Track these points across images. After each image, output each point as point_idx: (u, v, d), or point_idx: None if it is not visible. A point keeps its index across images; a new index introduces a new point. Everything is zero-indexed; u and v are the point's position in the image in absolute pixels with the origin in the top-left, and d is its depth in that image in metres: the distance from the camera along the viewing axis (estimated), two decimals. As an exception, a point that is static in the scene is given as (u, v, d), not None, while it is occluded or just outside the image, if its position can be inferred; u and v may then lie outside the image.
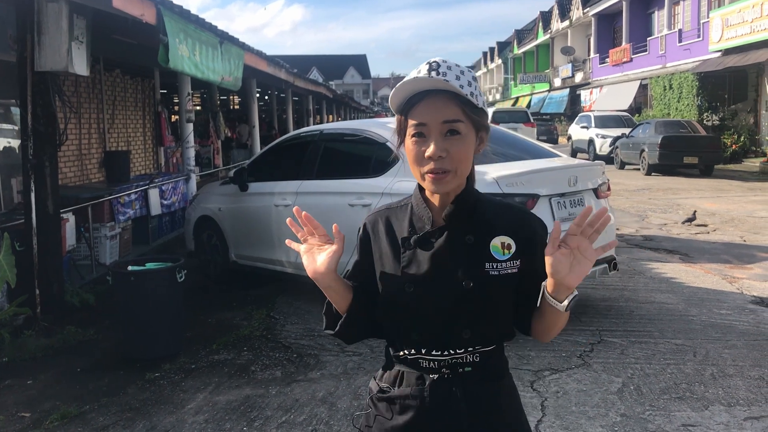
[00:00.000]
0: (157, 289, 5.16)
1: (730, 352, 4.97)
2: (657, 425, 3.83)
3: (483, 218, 1.62)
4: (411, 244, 1.61)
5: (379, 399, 1.67)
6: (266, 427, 3.95)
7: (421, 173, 1.56)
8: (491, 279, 1.57)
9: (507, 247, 1.60)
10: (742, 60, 22.08)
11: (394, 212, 1.70)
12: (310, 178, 6.52)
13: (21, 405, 4.42)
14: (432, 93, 1.54)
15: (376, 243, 1.68)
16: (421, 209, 1.64)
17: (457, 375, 1.60)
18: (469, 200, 1.62)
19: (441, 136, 1.53)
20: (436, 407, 1.59)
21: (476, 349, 1.60)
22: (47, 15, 5.57)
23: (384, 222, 1.69)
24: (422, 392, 1.60)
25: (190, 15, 7.53)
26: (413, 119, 1.55)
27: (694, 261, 8.06)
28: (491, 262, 1.59)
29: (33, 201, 5.81)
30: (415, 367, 1.62)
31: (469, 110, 1.56)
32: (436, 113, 1.53)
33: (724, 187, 16.13)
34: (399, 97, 1.58)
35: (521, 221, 1.65)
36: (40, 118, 5.79)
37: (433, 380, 1.60)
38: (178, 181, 10.49)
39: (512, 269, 1.59)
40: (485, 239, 1.60)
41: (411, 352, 1.62)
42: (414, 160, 1.56)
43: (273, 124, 23.00)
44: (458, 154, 1.54)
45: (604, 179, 6.07)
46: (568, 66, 43.70)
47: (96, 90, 11.17)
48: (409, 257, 1.60)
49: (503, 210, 1.67)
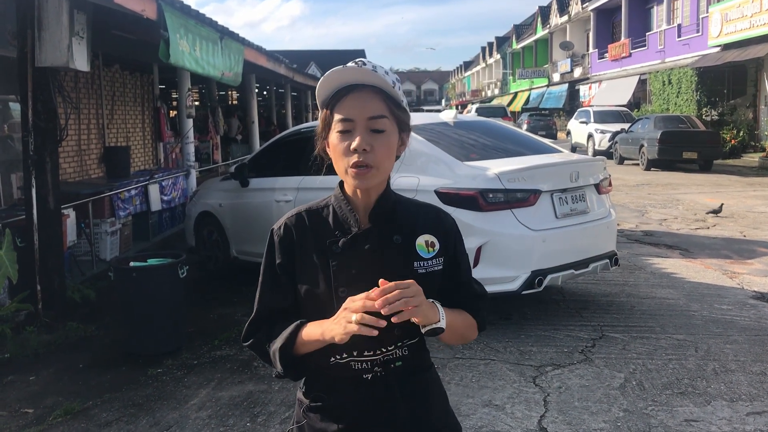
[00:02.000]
0: (159, 285, 5.16)
1: (731, 347, 4.98)
2: (659, 420, 3.84)
3: (405, 218, 1.64)
4: (339, 247, 1.59)
5: (311, 410, 1.65)
6: (270, 423, 3.95)
7: (345, 167, 1.56)
8: (420, 277, 1.57)
9: (431, 245, 1.63)
10: (741, 55, 22.07)
11: (315, 213, 1.66)
12: (311, 174, 6.51)
13: (24, 401, 4.43)
14: (358, 88, 1.56)
15: (300, 245, 1.64)
16: (345, 211, 1.62)
17: (389, 371, 1.61)
18: (390, 200, 1.63)
19: (366, 132, 1.54)
20: (374, 406, 1.60)
21: (405, 344, 1.62)
22: (47, 10, 5.54)
23: (308, 223, 1.65)
24: (358, 394, 1.60)
25: (190, 10, 7.51)
26: (339, 113, 1.56)
27: (694, 256, 8.07)
28: (418, 260, 1.61)
29: (34, 197, 5.80)
30: (347, 371, 1.60)
31: (394, 107, 1.58)
32: (362, 108, 1.54)
33: (724, 183, 16.14)
34: (326, 89, 1.58)
35: (437, 219, 1.68)
36: (41, 113, 5.77)
37: (368, 380, 1.60)
38: (178, 176, 10.49)
39: (438, 266, 1.63)
40: (411, 238, 1.62)
41: (342, 356, 1.60)
42: (340, 153, 1.56)
43: (272, 119, 22.96)
44: (382, 150, 1.55)
45: (606, 174, 6.07)
46: (567, 61, 43.66)
47: (95, 85, 11.14)
48: (339, 261, 1.58)
49: (420, 209, 1.70)
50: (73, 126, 10.12)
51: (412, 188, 5.51)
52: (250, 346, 1.68)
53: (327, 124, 1.60)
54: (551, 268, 5.31)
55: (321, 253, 1.60)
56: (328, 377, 1.63)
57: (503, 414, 3.96)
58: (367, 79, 1.55)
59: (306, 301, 1.62)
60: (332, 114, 1.58)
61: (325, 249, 1.60)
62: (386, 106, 1.57)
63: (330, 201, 1.67)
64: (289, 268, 1.64)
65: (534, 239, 5.27)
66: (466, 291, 1.71)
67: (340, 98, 1.57)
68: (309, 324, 1.58)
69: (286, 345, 1.58)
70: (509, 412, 4.00)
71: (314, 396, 1.65)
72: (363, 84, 1.56)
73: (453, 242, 1.68)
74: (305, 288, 1.62)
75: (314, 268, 1.61)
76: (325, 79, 1.57)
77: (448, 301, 1.64)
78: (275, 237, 1.68)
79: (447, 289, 1.66)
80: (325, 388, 1.64)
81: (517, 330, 5.43)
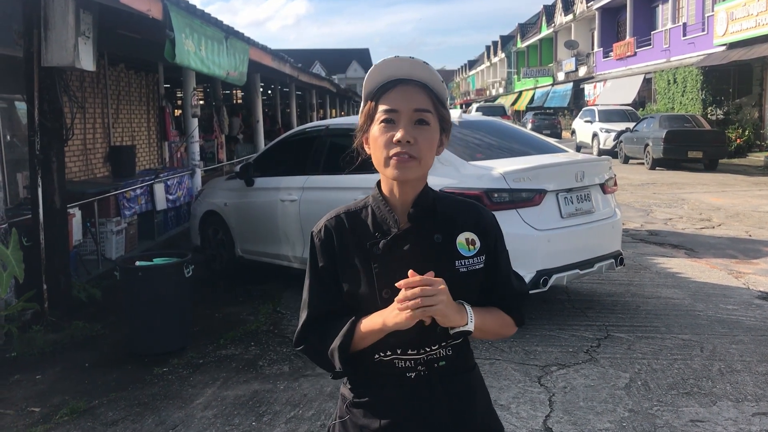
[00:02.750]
0: (165, 284, 5.17)
1: (737, 347, 4.97)
2: (665, 421, 3.84)
3: (445, 216, 1.63)
4: (380, 249, 1.58)
5: (355, 405, 1.66)
6: (275, 422, 3.96)
7: (386, 157, 1.55)
8: (461, 276, 1.58)
9: (472, 243, 1.62)
10: (746, 54, 21.99)
11: (353, 215, 1.65)
12: (316, 174, 6.52)
13: (30, 400, 4.44)
14: (405, 82, 1.56)
15: (341, 248, 1.63)
16: (384, 211, 1.61)
17: (432, 370, 1.61)
18: (428, 198, 1.62)
19: (410, 124, 1.54)
20: (417, 405, 1.60)
21: (449, 343, 1.62)
22: (54, 10, 5.56)
23: (347, 225, 1.64)
24: (402, 392, 1.60)
25: (195, 10, 7.52)
26: (385, 104, 1.56)
27: (699, 256, 8.05)
28: (459, 259, 1.60)
29: (40, 196, 5.82)
30: (391, 368, 1.61)
31: (439, 104, 1.58)
32: (409, 100, 1.55)
33: (729, 182, 16.10)
34: (375, 80, 1.58)
35: (477, 216, 1.67)
36: (47, 113, 5.79)
37: (411, 378, 1.60)
38: (183, 175, 10.51)
39: (479, 264, 1.62)
40: (451, 236, 1.61)
41: (387, 354, 1.60)
42: (381, 145, 1.55)
43: (277, 118, 22.98)
44: (425, 144, 1.55)
45: (611, 174, 6.07)
46: (571, 60, 43.56)
47: (100, 85, 11.17)
48: (380, 262, 1.58)
49: (459, 206, 1.68)
50: (78, 125, 10.14)
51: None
52: (303, 351, 1.68)
53: (370, 116, 1.60)
54: (556, 268, 5.31)
55: (362, 255, 1.60)
56: (372, 374, 1.63)
57: (508, 414, 3.96)
58: (416, 72, 1.55)
59: (351, 302, 1.62)
60: (377, 105, 1.57)
61: (365, 251, 1.60)
62: (432, 102, 1.57)
63: (368, 202, 1.66)
64: (332, 270, 1.64)
65: (539, 239, 5.27)
66: (505, 289, 1.70)
67: (386, 90, 1.57)
68: (366, 317, 1.58)
69: (345, 342, 1.57)
70: (514, 411, 4.00)
71: (358, 392, 1.65)
72: (410, 79, 1.56)
73: (494, 239, 1.67)
74: (349, 290, 1.62)
75: (356, 270, 1.61)
76: (375, 68, 1.57)
77: (487, 298, 1.65)
78: (316, 240, 1.67)
79: (486, 286, 1.65)
80: (369, 384, 1.64)
81: (522, 330, 5.41)
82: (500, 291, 1.69)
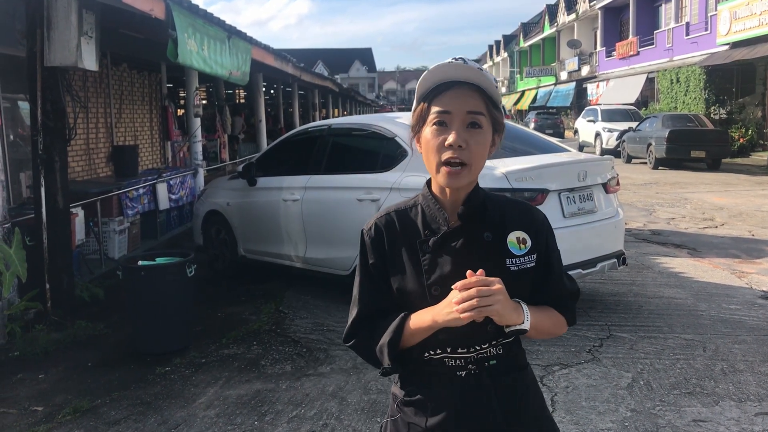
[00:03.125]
0: (167, 283, 5.18)
1: (740, 347, 4.97)
2: (667, 420, 3.83)
3: (495, 215, 1.63)
4: (430, 247, 1.59)
5: (406, 404, 1.65)
6: (277, 422, 3.96)
7: (438, 163, 1.55)
8: (512, 274, 1.59)
9: (522, 242, 1.62)
10: (750, 53, 21.94)
11: (403, 214, 1.67)
12: (318, 173, 6.52)
13: (33, 399, 4.45)
14: (458, 84, 1.56)
15: (390, 245, 1.65)
16: (434, 210, 1.62)
17: (483, 369, 1.61)
18: (479, 197, 1.63)
19: (462, 127, 1.54)
20: (469, 404, 1.59)
21: (499, 342, 1.62)
22: (56, 10, 5.57)
23: (397, 223, 1.66)
24: (453, 391, 1.60)
25: (198, 10, 7.53)
26: (437, 106, 1.56)
27: (702, 255, 8.04)
28: (510, 257, 1.60)
29: (43, 196, 5.83)
30: (441, 367, 1.62)
31: (492, 107, 1.58)
32: (462, 102, 1.54)
33: (732, 181, 16.07)
34: (429, 81, 1.58)
35: (528, 215, 1.67)
36: (50, 113, 5.80)
37: (462, 377, 1.60)
38: (185, 175, 10.52)
39: (530, 263, 1.62)
40: (501, 235, 1.61)
41: (437, 352, 1.61)
42: (433, 148, 1.56)
43: (279, 118, 23.00)
44: (477, 148, 1.55)
45: (614, 174, 6.06)
46: (574, 59, 43.53)
47: (103, 84, 11.19)
48: (430, 260, 1.59)
49: (510, 205, 1.69)
50: (81, 125, 10.17)
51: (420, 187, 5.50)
52: (352, 347, 1.68)
53: (422, 117, 1.60)
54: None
55: (412, 253, 1.61)
56: (423, 372, 1.63)
57: (510, 413, 3.95)
58: (470, 76, 1.55)
59: (400, 300, 1.62)
60: (429, 107, 1.57)
61: (415, 249, 1.61)
62: (485, 104, 1.57)
63: (418, 200, 1.67)
64: (382, 268, 1.64)
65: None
66: (557, 288, 1.69)
67: (439, 92, 1.57)
68: (416, 313, 1.58)
69: (394, 338, 1.57)
70: (516, 411, 3.99)
71: (409, 390, 1.65)
72: (464, 81, 1.56)
73: (545, 238, 1.66)
74: (398, 288, 1.62)
75: (406, 268, 1.61)
76: (428, 72, 1.58)
77: (539, 297, 1.65)
78: (366, 238, 1.68)
79: (538, 285, 1.65)
80: (419, 382, 1.64)
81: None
82: (553, 290, 1.68)
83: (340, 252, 6.13)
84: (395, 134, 6.02)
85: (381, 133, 6.19)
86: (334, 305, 6.27)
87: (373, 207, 5.82)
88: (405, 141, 5.92)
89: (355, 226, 6.01)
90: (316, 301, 6.50)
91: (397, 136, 5.99)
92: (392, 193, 5.70)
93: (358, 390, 4.37)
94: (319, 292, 6.71)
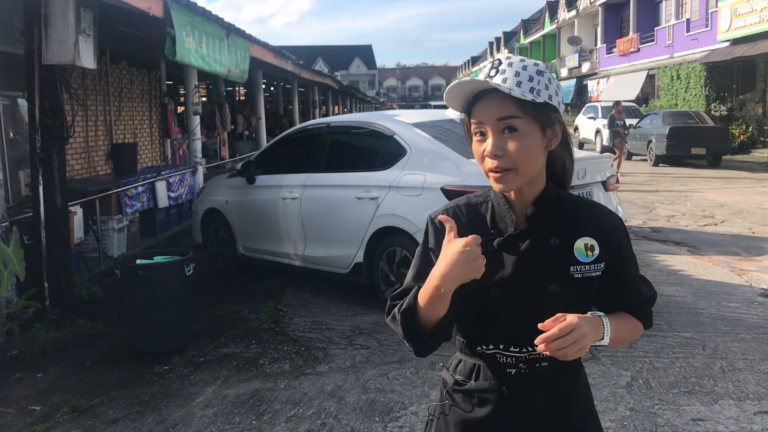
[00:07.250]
0: (166, 282, 5.17)
1: (739, 345, 4.96)
2: (666, 419, 3.82)
3: (566, 218, 1.59)
4: (494, 246, 1.57)
5: (455, 391, 1.66)
6: (275, 421, 3.96)
7: (485, 171, 1.54)
8: (575, 282, 1.55)
9: (590, 249, 1.57)
10: (750, 50, 21.91)
11: (472, 208, 1.64)
12: (317, 171, 6.51)
13: (31, 398, 4.45)
14: (487, 91, 1.53)
15: None
16: (503, 210, 1.60)
17: (534, 370, 1.59)
18: (549, 199, 1.58)
19: (498, 134, 1.51)
20: (515, 402, 1.59)
21: None
22: (54, 8, 5.56)
23: (464, 217, 1.62)
24: (501, 387, 1.60)
25: (196, 7, 7.51)
26: (474, 118, 1.55)
27: (702, 253, 8.03)
28: (575, 265, 1.56)
29: (41, 194, 5.82)
30: (492, 361, 1.61)
31: (529, 107, 1.51)
32: (491, 111, 1.52)
33: (732, 178, 16.06)
34: (452, 99, 1.58)
35: (600, 220, 1.62)
36: (48, 111, 5.79)
37: (512, 375, 1.60)
38: (185, 173, 10.51)
39: (596, 272, 1.57)
40: (569, 241, 1.57)
41: (489, 347, 1.61)
42: (478, 158, 1.56)
43: (279, 113, 22.98)
44: (516, 153, 1.49)
45: (613, 171, 6.05)
46: (574, 56, 43.47)
47: (102, 82, 11.17)
48: (492, 260, 1.54)
49: (584, 208, 1.64)
50: (80, 123, 10.15)
51: (419, 185, 5.51)
52: (389, 322, 1.64)
53: (468, 130, 1.60)
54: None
55: None
56: (474, 363, 1.63)
57: (509, 412, 3.94)
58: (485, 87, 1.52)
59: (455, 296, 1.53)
60: (470, 119, 1.57)
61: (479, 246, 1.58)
62: (517, 107, 1.50)
63: (490, 196, 1.64)
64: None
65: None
66: (633, 295, 1.67)
67: (474, 103, 1.56)
68: None
69: (410, 306, 1.53)
70: (515, 410, 3.98)
71: (458, 379, 1.65)
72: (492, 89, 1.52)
73: (617, 244, 1.62)
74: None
75: None
76: (446, 93, 1.57)
77: (613, 303, 1.62)
78: (431, 224, 1.65)
79: (612, 292, 1.62)
80: (469, 373, 1.64)
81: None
82: (631, 297, 1.66)
83: (339, 250, 6.11)
84: (394, 132, 6.01)
85: (380, 131, 6.17)
86: (333, 304, 6.25)
87: (371, 205, 5.81)
88: (404, 139, 5.90)
89: (353, 224, 6.01)
90: (315, 299, 6.49)
91: (396, 134, 5.98)
92: (391, 192, 5.68)
93: (357, 389, 4.37)
94: (318, 290, 6.70)
